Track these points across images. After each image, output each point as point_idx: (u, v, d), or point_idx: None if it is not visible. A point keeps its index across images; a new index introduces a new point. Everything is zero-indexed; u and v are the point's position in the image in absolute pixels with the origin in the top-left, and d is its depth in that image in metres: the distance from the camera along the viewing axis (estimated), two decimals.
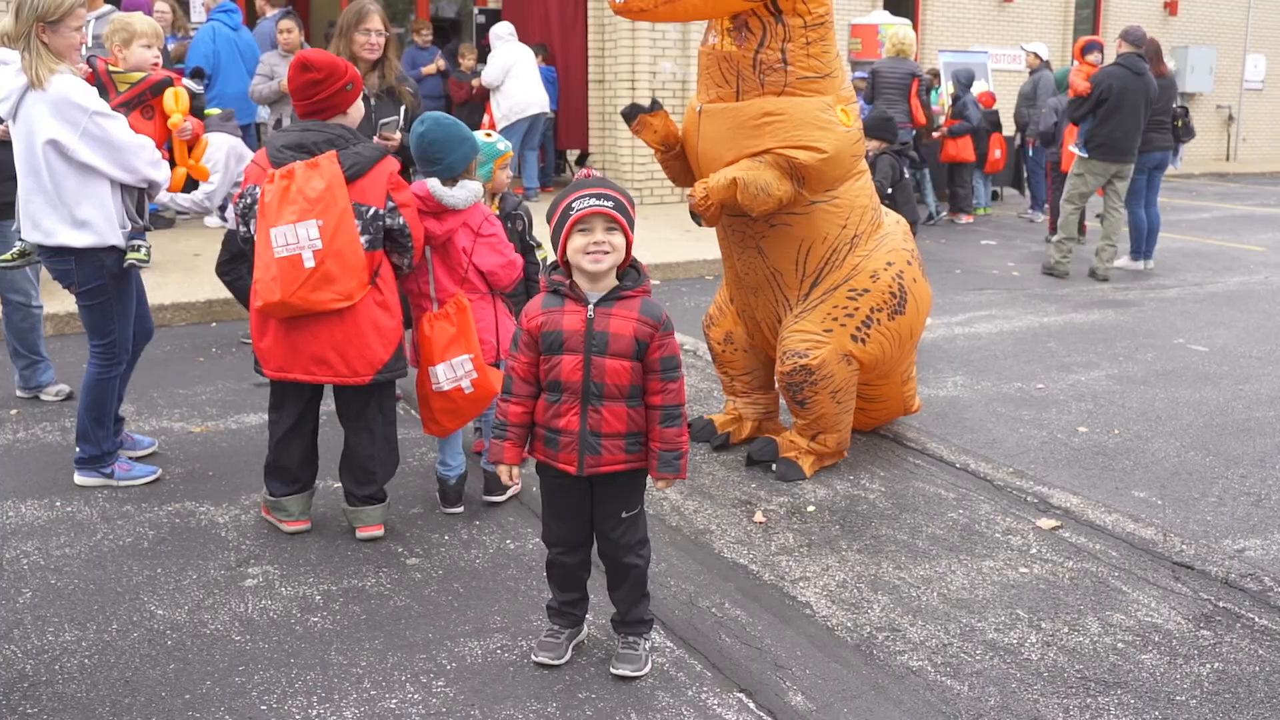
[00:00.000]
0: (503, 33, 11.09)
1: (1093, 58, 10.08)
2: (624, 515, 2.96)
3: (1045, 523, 4.09)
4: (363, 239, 3.55)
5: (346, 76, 3.66)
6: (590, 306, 2.83)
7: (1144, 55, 8.80)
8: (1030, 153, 12.53)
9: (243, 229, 3.66)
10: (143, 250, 4.12)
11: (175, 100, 4.22)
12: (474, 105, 11.54)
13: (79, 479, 4.27)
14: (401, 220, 3.63)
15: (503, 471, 2.97)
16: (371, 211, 3.57)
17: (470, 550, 3.77)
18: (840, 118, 4.10)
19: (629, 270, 2.89)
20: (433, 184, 3.75)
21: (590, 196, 2.78)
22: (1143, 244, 9.47)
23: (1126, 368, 6.32)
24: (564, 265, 2.87)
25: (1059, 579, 3.65)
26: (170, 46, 10.08)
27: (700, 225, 4.33)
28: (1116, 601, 3.50)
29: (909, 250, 4.48)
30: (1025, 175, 13.04)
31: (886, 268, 4.35)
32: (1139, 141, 8.83)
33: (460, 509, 4.09)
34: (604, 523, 2.98)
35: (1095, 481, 4.56)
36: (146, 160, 4.03)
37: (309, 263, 3.44)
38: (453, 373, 3.77)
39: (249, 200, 3.59)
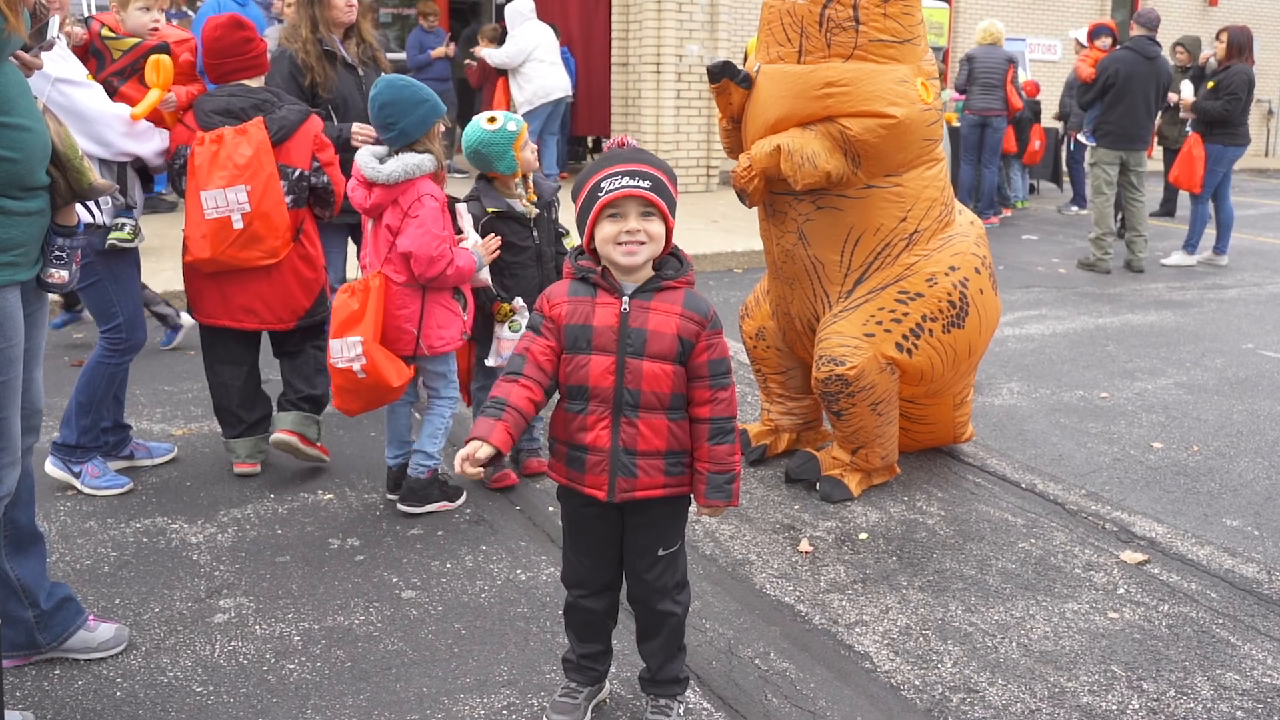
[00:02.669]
0: (523, 9, 10.45)
1: (1101, 42, 9.65)
2: (661, 553, 2.47)
3: (1130, 556, 3.58)
4: (288, 199, 3.76)
5: (259, 35, 3.93)
6: (625, 299, 2.34)
7: (1155, 39, 8.52)
8: (1072, 146, 11.99)
9: (174, 189, 3.87)
10: (126, 229, 3.69)
11: (157, 72, 3.73)
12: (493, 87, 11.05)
13: (48, 466, 3.88)
14: (325, 178, 3.87)
15: (473, 450, 2.24)
16: (297, 173, 3.79)
17: (475, 581, 3.30)
18: (920, 92, 3.57)
19: (669, 259, 2.40)
20: (362, 153, 3.55)
21: (623, 175, 2.28)
22: (1198, 238, 8.96)
23: (1195, 375, 5.79)
24: (590, 252, 2.39)
25: (1155, 627, 3.15)
26: (173, 23, 9.67)
27: (746, 205, 3.84)
28: (1226, 657, 3.00)
29: (979, 257, 3.92)
30: (1066, 169, 12.48)
31: (949, 272, 3.82)
32: (1151, 128, 8.62)
33: (417, 509, 3.77)
34: (637, 560, 2.49)
35: (1180, 507, 4.05)
36: (121, 132, 3.60)
37: (238, 224, 3.65)
38: (345, 352, 3.49)
39: (180, 162, 3.75)
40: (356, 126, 4.38)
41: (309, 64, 4.42)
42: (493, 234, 3.74)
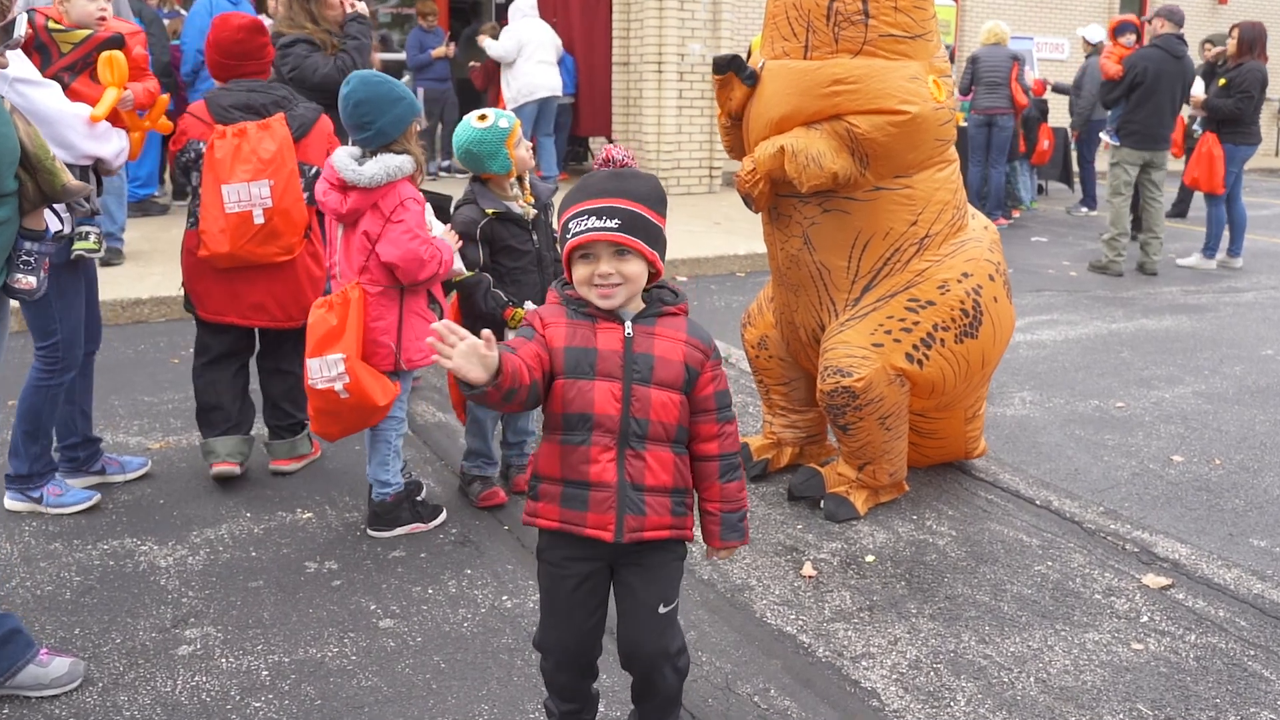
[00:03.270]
0: (524, 7, 10.32)
1: (1126, 39, 9.45)
2: (662, 610, 2.21)
3: (1153, 580, 3.38)
4: (304, 196, 3.71)
5: None
6: (627, 323, 2.15)
7: (1183, 37, 8.22)
8: (1076, 146, 11.78)
9: (183, 180, 3.82)
10: (91, 238, 3.48)
11: (111, 69, 3.53)
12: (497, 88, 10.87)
13: (7, 502, 3.67)
14: None
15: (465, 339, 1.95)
16: (314, 170, 3.73)
17: (458, 609, 3.10)
18: (931, 89, 3.38)
19: (662, 290, 2.21)
20: (339, 154, 3.34)
21: (589, 215, 2.07)
22: (1217, 241, 8.75)
23: (1214, 383, 5.58)
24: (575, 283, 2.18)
25: (1182, 659, 2.95)
26: (166, 22, 9.48)
27: (752, 210, 3.65)
28: (1260, 693, 2.80)
29: (994, 263, 3.72)
30: (1077, 169, 12.26)
31: (961, 279, 3.62)
32: (1173, 128, 8.39)
33: (386, 533, 3.54)
34: (635, 619, 2.21)
35: (1203, 526, 3.85)
36: (83, 134, 3.41)
37: (259, 219, 3.62)
38: (325, 371, 3.27)
39: (192, 155, 3.71)
40: None
41: (328, 42, 4.50)
42: (448, 227, 3.56)
